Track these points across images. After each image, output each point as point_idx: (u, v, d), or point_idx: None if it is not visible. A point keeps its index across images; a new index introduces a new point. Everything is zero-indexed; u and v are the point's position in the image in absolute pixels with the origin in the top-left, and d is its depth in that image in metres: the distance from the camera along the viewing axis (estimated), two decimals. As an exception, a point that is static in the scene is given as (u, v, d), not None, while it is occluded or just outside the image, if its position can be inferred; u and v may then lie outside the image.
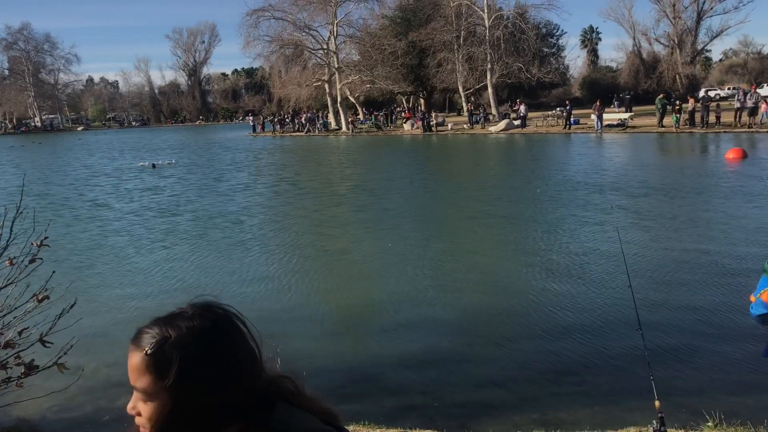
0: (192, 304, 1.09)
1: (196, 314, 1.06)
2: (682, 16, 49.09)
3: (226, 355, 1.04)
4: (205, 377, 1.02)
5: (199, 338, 1.03)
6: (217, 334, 1.05)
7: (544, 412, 4.36)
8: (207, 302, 1.10)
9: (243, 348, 1.08)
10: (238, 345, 1.07)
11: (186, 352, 1.01)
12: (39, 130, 76.91)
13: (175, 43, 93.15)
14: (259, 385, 1.07)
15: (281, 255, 9.34)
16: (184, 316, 1.06)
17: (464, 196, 14.59)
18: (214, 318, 1.07)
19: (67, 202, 15.70)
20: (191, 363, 1.01)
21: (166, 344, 1.02)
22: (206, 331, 1.04)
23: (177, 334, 1.03)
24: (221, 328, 1.07)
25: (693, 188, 13.59)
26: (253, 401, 1.05)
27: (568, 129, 34.65)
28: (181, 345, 1.02)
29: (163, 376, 1.01)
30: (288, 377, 1.14)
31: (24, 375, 3.57)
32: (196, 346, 1.02)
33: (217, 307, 1.10)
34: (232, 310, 1.11)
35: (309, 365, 5.20)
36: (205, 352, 1.03)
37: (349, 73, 47.61)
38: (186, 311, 1.07)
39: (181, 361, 1.01)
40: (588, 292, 6.93)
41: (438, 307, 6.80)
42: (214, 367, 1.02)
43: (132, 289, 7.85)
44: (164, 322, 1.06)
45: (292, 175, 21.24)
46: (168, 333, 1.03)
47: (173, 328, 1.04)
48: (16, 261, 3.58)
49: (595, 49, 72.20)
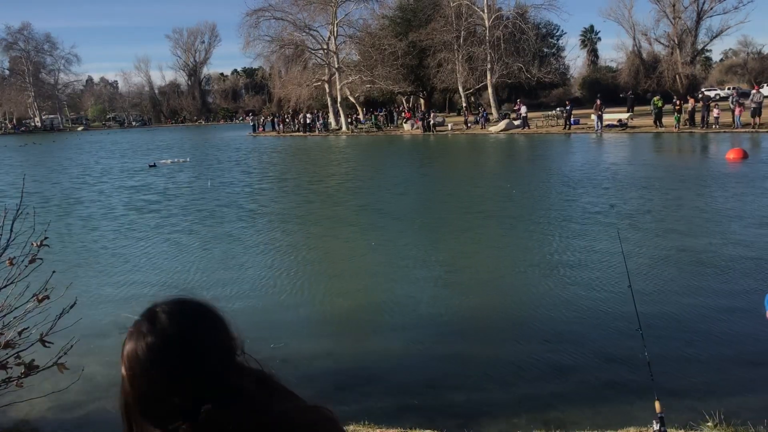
0: (170, 299, 1.12)
1: (175, 307, 1.10)
2: (682, 16, 49.01)
3: (207, 345, 1.07)
4: (188, 366, 1.04)
5: (180, 329, 1.07)
6: (196, 325, 1.09)
7: (544, 412, 4.36)
8: (181, 297, 1.14)
9: (222, 339, 1.10)
10: (217, 336, 1.10)
11: (171, 341, 1.05)
12: (39, 130, 76.87)
13: (175, 43, 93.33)
14: (234, 372, 1.09)
15: (281, 255, 9.34)
16: (164, 309, 1.09)
17: (464, 196, 14.59)
18: (191, 310, 1.11)
19: (70, 202, 15.71)
20: (177, 351, 1.04)
21: (135, 331, 1.06)
22: (188, 321, 1.09)
23: (161, 324, 1.06)
24: (199, 318, 1.10)
25: (693, 188, 13.58)
26: (226, 387, 1.07)
27: (568, 129, 34.63)
28: (164, 336, 1.05)
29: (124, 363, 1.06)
30: (267, 371, 1.16)
31: (24, 375, 3.56)
32: (179, 336, 1.06)
33: (191, 301, 1.13)
34: (204, 302, 1.14)
35: (309, 365, 5.21)
36: (188, 343, 1.06)
37: (349, 73, 47.59)
38: (165, 305, 1.11)
39: (168, 349, 1.04)
40: (588, 292, 6.93)
41: (438, 307, 6.80)
42: (179, 352, 1.05)
43: (132, 289, 7.85)
44: (145, 316, 1.10)
45: (292, 175, 21.23)
46: (141, 321, 1.08)
47: (155, 322, 1.07)
48: (16, 261, 3.58)
49: (595, 49, 72.19)
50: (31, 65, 78.96)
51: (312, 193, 16.07)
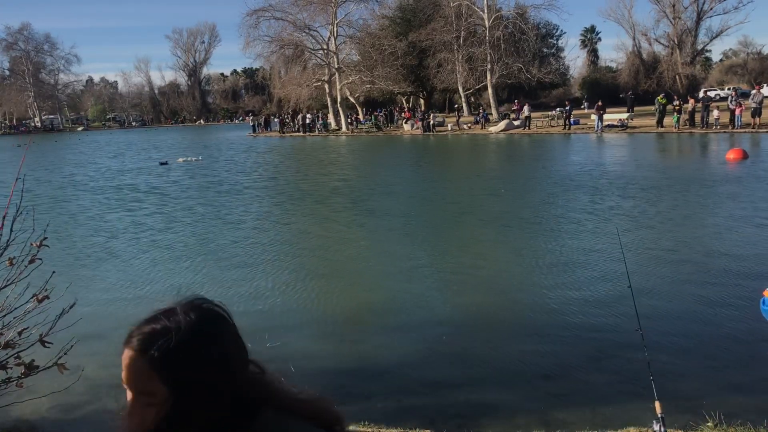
0: (179, 302, 1.06)
1: (187, 311, 1.04)
2: (682, 16, 49.06)
3: (222, 349, 1.03)
4: (209, 377, 1.00)
5: (197, 334, 1.01)
6: (212, 329, 1.04)
7: (544, 412, 4.36)
8: (194, 298, 1.07)
9: (235, 342, 1.07)
10: (231, 339, 1.06)
11: (192, 350, 1.00)
12: (39, 131, 76.84)
13: (175, 44, 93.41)
14: (245, 386, 1.05)
15: (281, 255, 9.34)
16: (175, 313, 1.03)
17: (463, 196, 14.58)
18: (204, 313, 1.05)
19: (77, 202, 15.72)
20: (198, 362, 1.00)
21: (171, 343, 0.99)
22: (206, 327, 1.03)
23: (179, 332, 1.00)
24: (213, 322, 1.05)
25: (693, 188, 13.57)
26: (239, 405, 1.03)
27: (568, 129, 34.63)
28: (185, 343, 1.00)
29: (172, 378, 0.98)
30: (273, 376, 1.12)
31: (24, 375, 3.56)
32: (200, 345, 1.01)
33: (203, 301, 1.07)
34: (218, 303, 1.09)
35: (309, 366, 5.21)
36: (205, 348, 1.01)
37: (349, 73, 47.57)
38: (175, 309, 1.04)
39: (186, 357, 0.99)
40: (588, 292, 6.93)
41: (438, 307, 6.80)
42: (214, 361, 1.01)
43: (133, 289, 7.84)
44: (158, 321, 1.02)
45: (292, 175, 21.23)
46: (169, 331, 1.00)
47: (171, 325, 1.01)
48: (16, 261, 3.58)
49: (595, 49, 72.24)
50: (31, 65, 78.93)
51: (312, 193, 16.06)
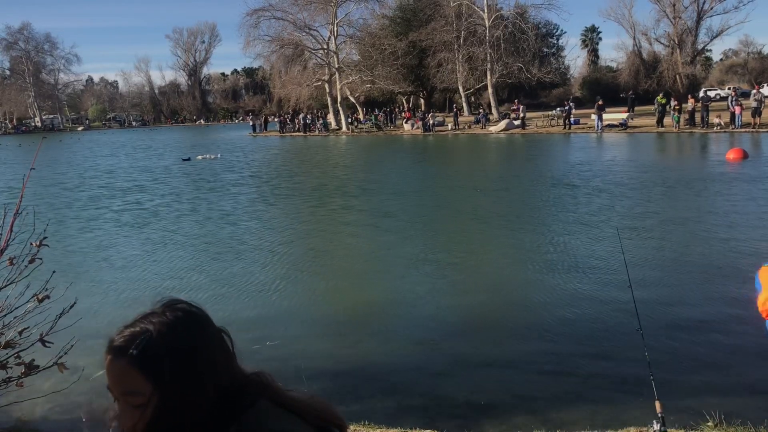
0: (155, 306, 1.09)
1: (166, 310, 1.06)
2: (682, 16, 48.99)
3: (201, 341, 1.05)
4: (191, 369, 1.01)
5: (178, 331, 1.03)
6: (193, 326, 1.06)
7: (544, 412, 4.35)
8: (168, 300, 1.10)
9: (215, 334, 1.09)
10: (209, 331, 1.08)
11: (171, 344, 1.01)
12: (39, 130, 76.83)
13: (175, 43, 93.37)
14: (233, 377, 1.07)
15: (281, 255, 9.33)
16: (152, 315, 1.05)
17: (463, 196, 14.59)
18: (184, 312, 1.07)
19: (80, 202, 15.72)
20: (178, 354, 1.01)
21: (151, 340, 1.01)
22: (182, 323, 1.05)
23: (156, 329, 1.02)
24: (194, 320, 1.07)
25: (693, 188, 13.57)
26: (229, 396, 1.05)
27: (568, 129, 34.63)
28: (163, 338, 1.01)
29: (154, 373, 1.00)
30: (264, 373, 1.13)
31: (24, 375, 3.56)
32: (178, 339, 1.02)
33: (178, 302, 1.10)
34: (195, 304, 1.11)
35: (309, 366, 5.20)
36: (182, 339, 1.03)
37: (350, 73, 47.58)
38: (152, 312, 1.07)
39: (169, 353, 1.01)
40: (588, 292, 6.93)
41: (438, 307, 6.79)
42: (194, 351, 1.03)
43: (133, 289, 7.85)
44: (135, 324, 1.04)
45: (293, 175, 21.22)
46: (148, 330, 1.02)
47: (150, 325, 1.03)
48: (16, 261, 3.58)
49: (596, 49, 72.18)
50: (32, 65, 78.88)
51: (313, 193, 16.06)
